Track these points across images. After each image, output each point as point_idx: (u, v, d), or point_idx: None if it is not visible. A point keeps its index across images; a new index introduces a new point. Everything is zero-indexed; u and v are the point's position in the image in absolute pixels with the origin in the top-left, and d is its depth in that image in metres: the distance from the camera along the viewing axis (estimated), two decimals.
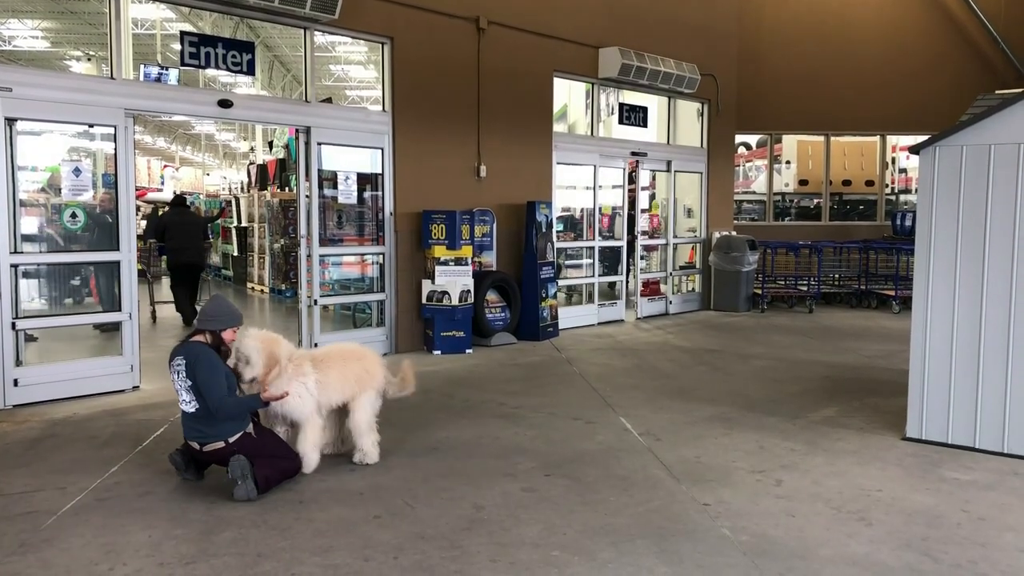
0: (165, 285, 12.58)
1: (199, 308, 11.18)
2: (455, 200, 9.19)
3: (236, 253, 17.02)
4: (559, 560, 3.63)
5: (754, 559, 3.65)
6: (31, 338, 7.62)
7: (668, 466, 4.97)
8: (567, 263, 11.33)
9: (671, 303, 12.33)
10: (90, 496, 4.41)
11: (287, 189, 14.41)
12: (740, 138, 15.27)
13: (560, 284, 10.66)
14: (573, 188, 11.32)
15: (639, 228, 12.51)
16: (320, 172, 8.32)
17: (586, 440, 5.53)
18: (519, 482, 4.67)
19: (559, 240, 10.70)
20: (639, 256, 12.10)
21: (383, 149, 8.73)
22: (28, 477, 4.71)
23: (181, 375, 4.42)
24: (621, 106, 11.74)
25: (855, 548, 3.78)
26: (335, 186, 8.70)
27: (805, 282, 13.36)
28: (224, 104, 7.43)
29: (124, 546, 3.76)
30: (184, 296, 10.85)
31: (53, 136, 7.33)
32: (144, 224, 13.66)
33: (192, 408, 4.43)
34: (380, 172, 8.79)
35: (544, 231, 9.89)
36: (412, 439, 5.51)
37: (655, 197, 13.24)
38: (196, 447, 4.48)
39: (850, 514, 4.19)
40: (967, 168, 5.24)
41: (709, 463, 5.03)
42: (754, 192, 16.26)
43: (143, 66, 13.94)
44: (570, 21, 10.46)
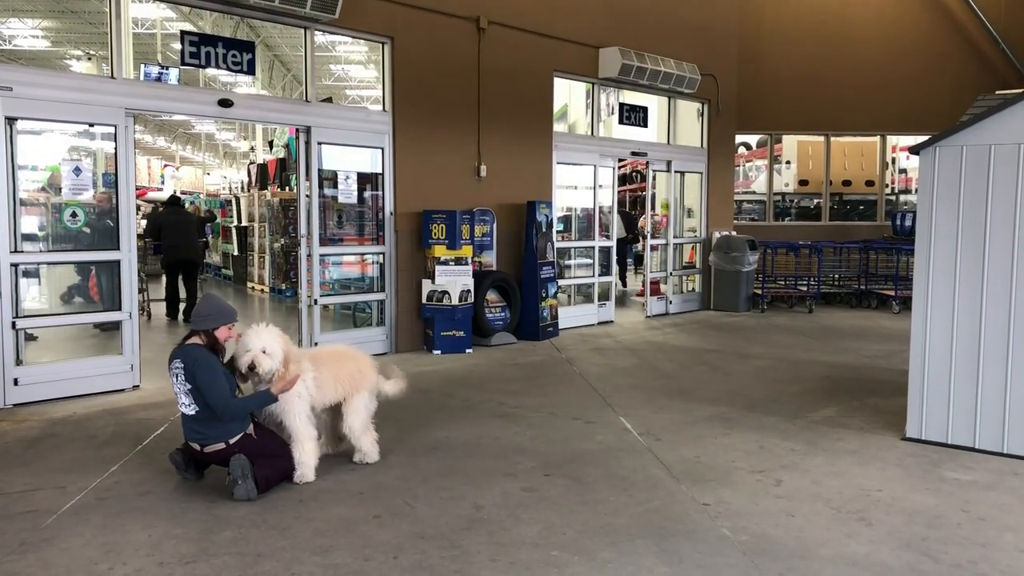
0: (161, 284, 12.68)
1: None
2: (455, 200, 9.19)
3: (236, 253, 17.02)
4: (559, 560, 3.63)
5: (754, 559, 3.65)
6: (31, 337, 7.62)
7: (668, 466, 4.97)
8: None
9: (671, 303, 12.33)
10: (90, 495, 4.41)
11: (287, 188, 14.41)
12: (740, 138, 15.27)
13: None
14: (574, 188, 11.29)
15: (648, 228, 12.49)
16: (320, 172, 8.32)
17: (586, 440, 5.53)
18: (519, 482, 4.67)
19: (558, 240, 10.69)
20: (648, 255, 12.09)
21: (383, 149, 8.73)
22: (28, 476, 4.71)
23: (180, 378, 4.42)
24: (621, 106, 11.74)
25: (855, 548, 3.78)
26: (335, 186, 8.70)
27: (805, 282, 13.36)
28: (224, 104, 7.43)
29: (124, 545, 3.76)
30: (176, 291, 11.29)
31: (53, 135, 7.33)
32: (144, 223, 13.73)
33: (192, 411, 4.43)
34: (380, 172, 8.79)
35: (544, 231, 9.89)
36: (412, 439, 5.51)
37: (655, 198, 13.23)
38: (197, 448, 4.48)
39: (850, 514, 4.19)
40: (967, 168, 5.24)
41: (709, 463, 5.03)
42: (754, 192, 16.27)
43: (143, 65, 13.96)
44: (570, 21, 10.46)
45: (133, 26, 17.42)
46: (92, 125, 6.91)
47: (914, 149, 5.53)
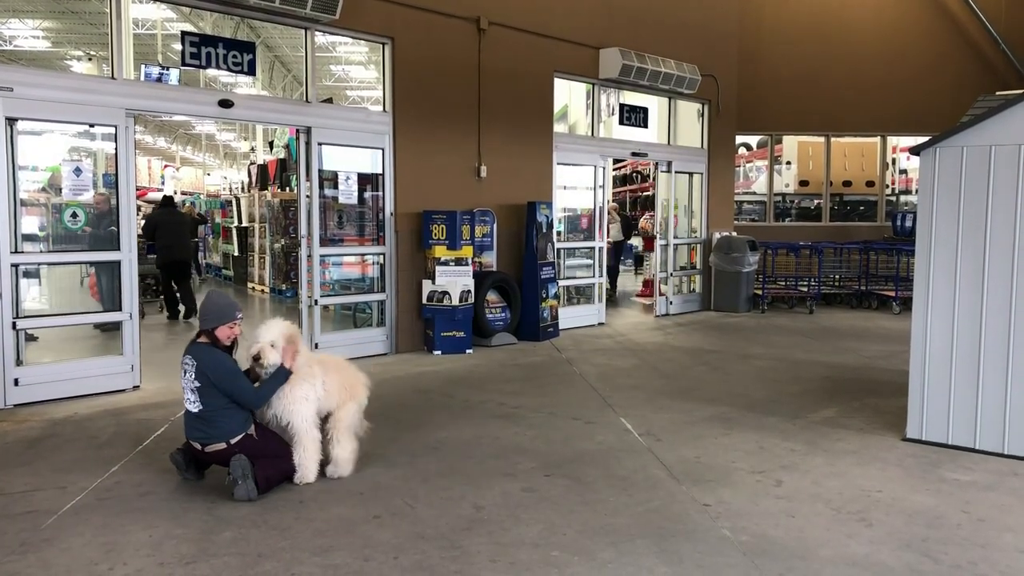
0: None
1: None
2: (455, 200, 9.19)
3: (236, 253, 17.02)
4: (559, 560, 3.63)
5: (754, 559, 3.65)
6: (31, 338, 7.62)
7: (668, 466, 4.97)
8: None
9: (672, 303, 12.33)
10: (90, 496, 4.41)
11: (287, 189, 14.42)
12: (740, 139, 15.26)
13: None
14: (574, 188, 11.27)
15: (656, 228, 12.47)
16: (321, 172, 8.32)
17: (586, 440, 5.53)
18: (519, 482, 4.67)
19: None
20: (658, 255, 12.12)
21: (383, 149, 8.73)
22: (28, 476, 4.71)
23: (189, 375, 4.43)
24: (622, 107, 11.74)
25: (855, 548, 3.78)
26: (336, 186, 8.70)
27: (805, 283, 13.36)
28: (225, 104, 7.43)
29: (124, 546, 3.76)
30: (172, 291, 11.52)
31: (54, 136, 7.34)
32: (144, 223, 13.78)
33: (196, 408, 4.44)
34: (380, 172, 8.79)
35: (544, 231, 9.89)
36: (412, 439, 5.51)
37: (655, 198, 13.23)
38: (198, 447, 4.48)
39: (850, 514, 4.19)
40: (968, 169, 5.24)
41: (709, 463, 5.04)
42: (754, 193, 16.26)
43: (144, 66, 13.98)
44: (570, 22, 10.46)
45: (133, 27, 17.42)
46: (92, 126, 6.91)
47: (914, 150, 5.53)
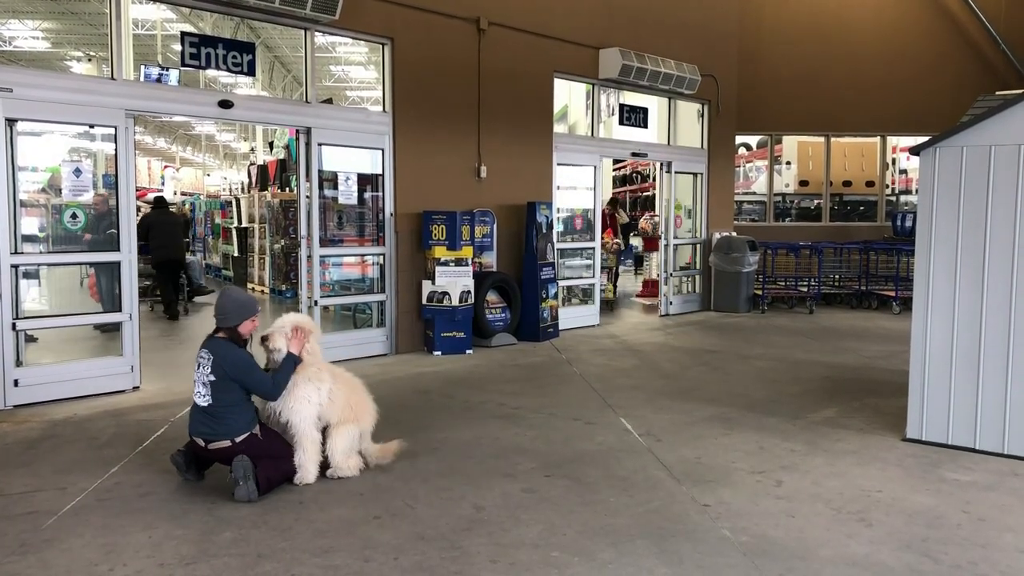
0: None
1: (185, 299, 12.13)
2: (455, 201, 9.19)
3: (236, 254, 17.01)
4: (559, 561, 3.63)
5: (754, 560, 3.65)
6: (31, 339, 7.62)
7: (668, 467, 4.97)
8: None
9: (672, 304, 12.32)
10: (90, 496, 4.41)
11: (287, 190, 14.41)
12: (740, 139, 15.26)
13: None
14: (573, 188, 11.27)
15: (660, 229, 12.46)
16: (320, 173, 8.32)
17: (586, 441, 5.53)
18: (519, 482, 4.67)
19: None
20: (662, 256, 12.12)
21: (383, 150, 8.73)
22: (28, 477, 4.71)
23: (205, 368, 4.45)
24: (621, 107, 11.74)
25: (855, 549, 3.78)
26: (335, 187, 8.70)
27: (805, 283, 13.36)
28: (225, 105, 7.43)
29: (124, 546, 3.76)
30: (169, 290, 11.65)
31: (53, 137, 7.34)
32: (137, 224, 13.92)
33: (205, 402, 4.45)
34: (380, 173, 8.79)
35: (544, 232, 9.89)
36: (412, 439, 5.50)
37: (655, 198, 13.23)
38: (201, 444, 4.48)
39: (850, 515, 4.19)
40: (967, 169, 5.24)
41: (709, 463, 5.03)
42: (754, 193, 16.25)
43: (144, 67, 13.98)
44: (570, 22, 10.46)
45: (133, 27, 17.45)
46: (92, 126, 6.91)
47: (914, 150, 5.53)
